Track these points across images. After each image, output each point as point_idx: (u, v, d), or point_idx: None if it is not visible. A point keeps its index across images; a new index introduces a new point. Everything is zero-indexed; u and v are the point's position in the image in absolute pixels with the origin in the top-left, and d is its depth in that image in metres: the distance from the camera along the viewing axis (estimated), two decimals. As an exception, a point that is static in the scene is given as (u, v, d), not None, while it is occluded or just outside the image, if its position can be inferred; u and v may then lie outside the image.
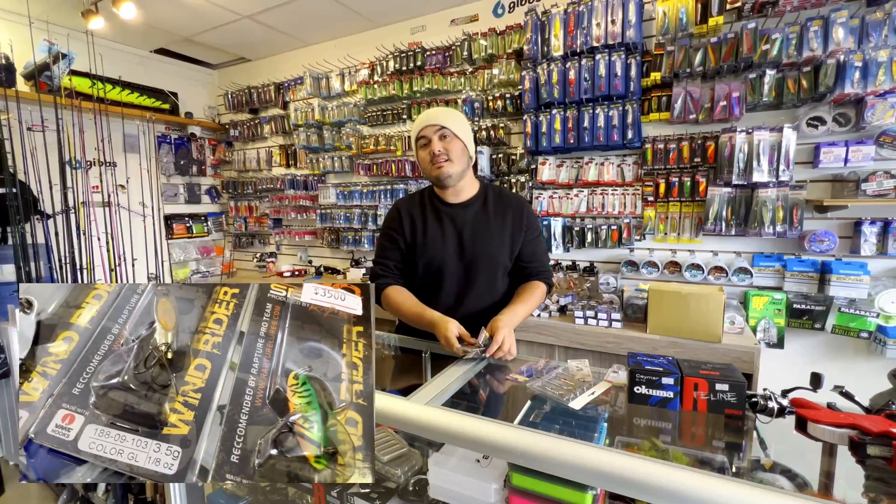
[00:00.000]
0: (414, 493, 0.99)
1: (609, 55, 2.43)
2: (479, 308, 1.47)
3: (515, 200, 1.53)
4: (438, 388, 1.02)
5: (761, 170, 2.15)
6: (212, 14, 3.19)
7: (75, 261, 2.70)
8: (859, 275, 2.05)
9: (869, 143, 2.03)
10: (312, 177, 3.90)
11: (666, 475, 0.59)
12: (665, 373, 0.91)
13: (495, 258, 1.47)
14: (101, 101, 2.95)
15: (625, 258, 2.60)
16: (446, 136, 1.40)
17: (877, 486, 0.71)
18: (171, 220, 4.14)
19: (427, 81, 3.11)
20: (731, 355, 1.96)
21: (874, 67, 1.95)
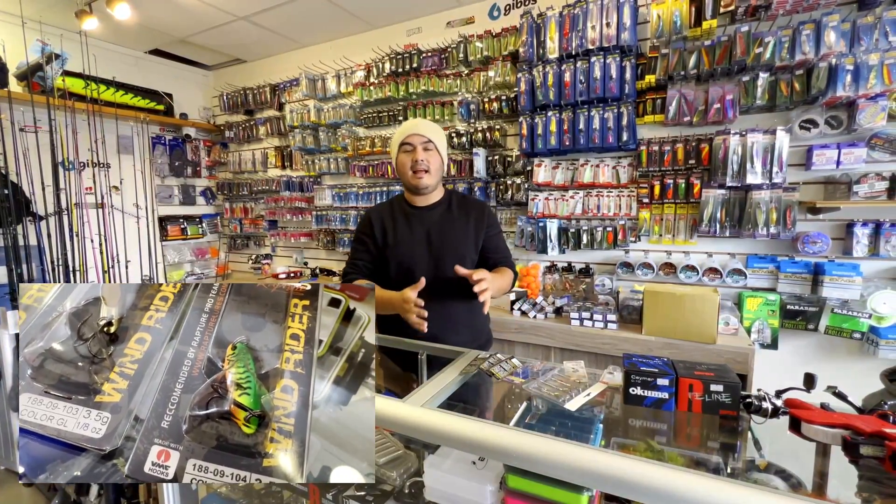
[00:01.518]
0: (410, 495, 0.99)
1: (604, 58, 2.45)
2: (451, 300, 1.51)
3: (477, 202, 1.68)
4: (434, 389, 1.01)
5: (755, 172, 2.17)
6: (207, 15, 3.17)
7: (68, 263, 2.68)
8: (852, 276, 2.07)
9: (860, 146, 2.05)
10: (308, 178, 3.89)
11: (661, 476, 0.60)
12: (660, 374, 0.91)
13: (461, 251, 1.56)
14: (94, 101, 2.93)
15: (620, 260, 2.61)
16: (429, 149, 1.51)
17: (870, 485, 0.71)
18: (165, 222, 4.11)
19: (423, 83, 3.11)
20: (725, 356, 1.97)
21: (865, 71, 1.97)
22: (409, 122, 1.54)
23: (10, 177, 2.60)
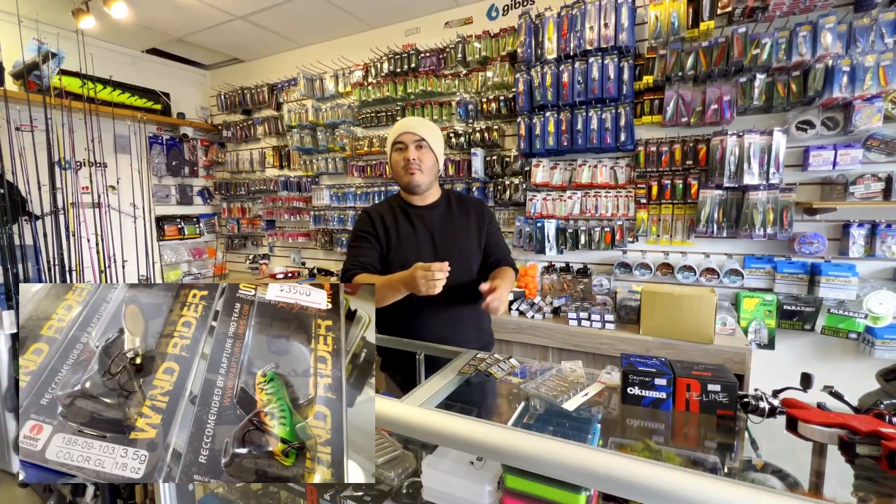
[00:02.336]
0: (408, 495, 0.99)
1: (602, 58, 2.45)
2: (458, 302, 1.51)
3: (474, 200, 1.68)
4: (432, 389, 1.01)
5: (752, 172, 2.17)
6: (204, 14, 3.17)
7: (64, 262, 2.67)
8: (848, 276, 2.08)
9: (857, 147, 2.06)
10: (306, 178, 3.88)
11: (658, 476, 0.60)
12: (658, 374, 0.92)
13: (466, 251, 1.56)
14: (91, 100, 2.92)
15: (618, 260, 2.62)
16: (422, 147, 1.49)
17: (866, 484, 0.72)
18: (162, 222, 4.10)
19: (421, 83, 3.11)
20: (722, 356, 1.98)
21: (861, 72, 1.98)
22: (403, 120, 1.52)
23: (6, 176, 2.59)
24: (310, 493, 1.09)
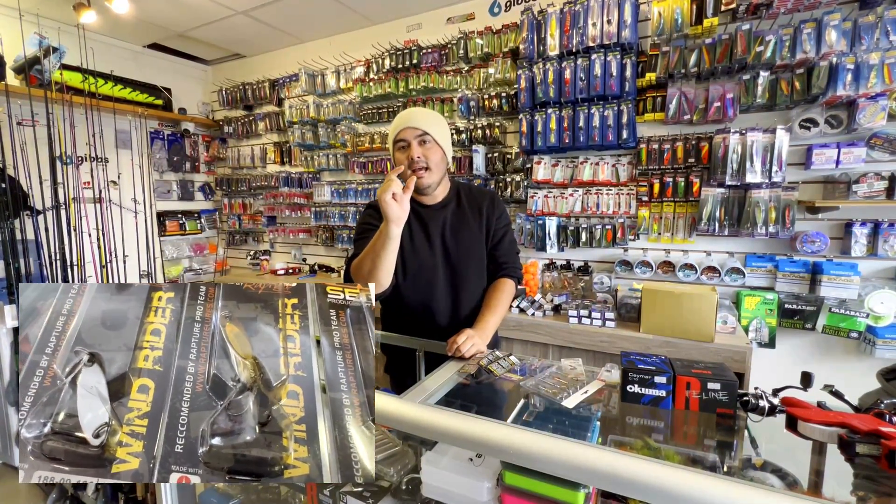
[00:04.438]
0: (407, 491, 0.99)
1: (605, 55, 2.44)
2: (467, 304, 1.48)
3: (485, 192, 1.55)
4: (432, 386, 1.01)
5: (754, 171, 2.16)
6: (206, 9, 3.16)
7: (66, 257, 2.68)
8: (849, 275, 2.07)
9: (860, 145, 2.05)
10: (307, 174, 3.88)
11: (658, 473, 0.60)
12: (658, 372, 0.91)
13: (477, 253, 1.48)
14: (92, 95, 2.92)
15: (619, 258, 2.61)
16: (426, 142, 1.34)
17: (865, 483, 0.72)
18: (163, 217, 4.10)
19: (423, 79, 3.10)
20: (723, 355, 1.98)
21: (866, 70, 1.96)
22: (403, 113, 1.37)
23: (8, 171, 2.59)
24: (309, 488, 1.09)
